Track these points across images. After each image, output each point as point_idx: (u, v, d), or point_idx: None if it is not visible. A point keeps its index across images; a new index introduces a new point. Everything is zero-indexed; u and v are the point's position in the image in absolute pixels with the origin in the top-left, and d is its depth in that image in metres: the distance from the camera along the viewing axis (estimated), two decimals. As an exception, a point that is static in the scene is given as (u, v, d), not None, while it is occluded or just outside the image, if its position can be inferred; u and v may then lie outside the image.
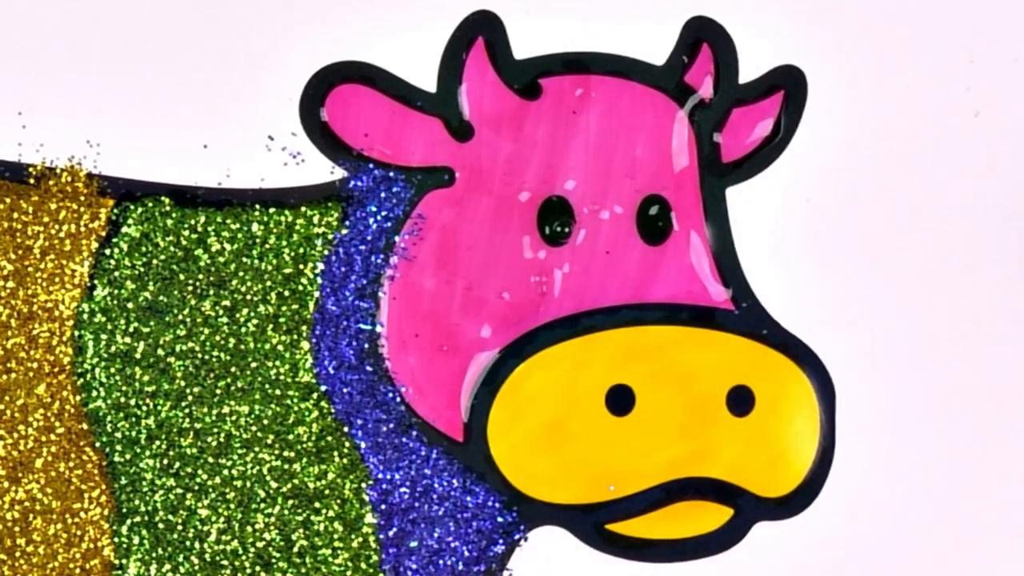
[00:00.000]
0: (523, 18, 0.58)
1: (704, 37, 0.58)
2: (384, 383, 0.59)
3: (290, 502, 0.59)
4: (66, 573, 0.58)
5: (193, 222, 0.58)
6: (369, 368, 0.58)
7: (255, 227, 0.58)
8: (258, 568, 0.59)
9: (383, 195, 0.58)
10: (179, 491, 0.58)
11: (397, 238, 0.58)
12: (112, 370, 0.58)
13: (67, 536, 0.58)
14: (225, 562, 0.59)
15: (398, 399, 0.59)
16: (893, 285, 0.59)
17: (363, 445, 0.59)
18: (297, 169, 0.58)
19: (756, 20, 0.58)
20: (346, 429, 0.59)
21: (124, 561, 0.59)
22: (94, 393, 0.58)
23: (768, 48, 0.58)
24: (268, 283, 0.58)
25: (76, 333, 0.58)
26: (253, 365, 0.58)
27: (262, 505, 0.58)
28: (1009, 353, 0.59)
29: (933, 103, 0.59)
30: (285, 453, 0.58)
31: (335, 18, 0.58)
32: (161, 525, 0.58)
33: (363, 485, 0.59)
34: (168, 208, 0.58)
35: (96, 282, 0.58)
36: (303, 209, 0.58)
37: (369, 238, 0.58)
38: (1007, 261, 0.59)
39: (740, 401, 0.58)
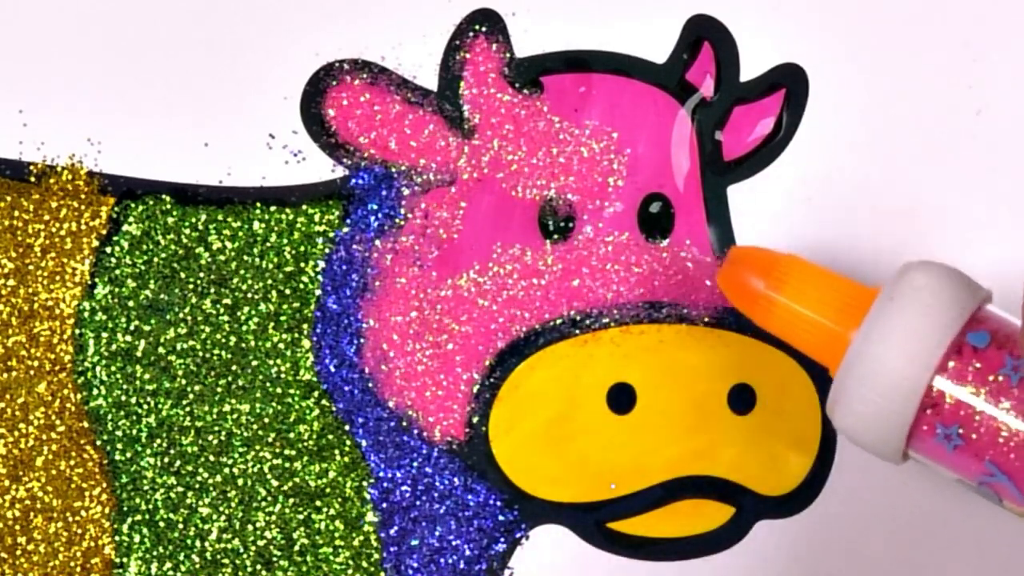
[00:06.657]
0: (524, 16, 0.58)
1: (705, 35, 0.58)
2: (385, 381, 0.59)
3: (291, 500, 0.58)
4: (67, 571, 0.58)
5: (194, 220, 0.58)
6: (370, 366, 0.58)
7: (256, 225, 0.58)
8: (259, 567, 0.59)
9: (384, 193, 0.58)
10: (180, 489, 0.58)
11: (398, 236, 0.58)
12: (113, 368, 0.58)
13: (68, 534, 0.58)
14: (226, 560, 0.58)
15: (399, 397, 0.59)
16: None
17: (364, 443, 0.58)
18: (298, 167, 0.58)
19: (757, 18, 0.58)
20: (347, 427, 0.58)
21: (125, 559, 0.58)
22: (95, 391, 0.58)
23: (769, 46, 0.58)
24: (269, 281, 0.58)
25: (77, 331, 0.58)
26: (254, 363, 0.58)
27: (263, 504, 0.58)
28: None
29: (935, 101, 0.59)
30: (286, 451, 0.58)
31: (336, 16, 0.58)
32: (162, 523, 0.58)
33: (364, 483, 0.59)
34: (169, 206, 0.58)
35: (97, 280, 0.58)
36: (304, 207, 0.58)
37: (370, 236, 0.58)
38: (1008, 261, 0.59)
39: (741, 399, 0.58)
